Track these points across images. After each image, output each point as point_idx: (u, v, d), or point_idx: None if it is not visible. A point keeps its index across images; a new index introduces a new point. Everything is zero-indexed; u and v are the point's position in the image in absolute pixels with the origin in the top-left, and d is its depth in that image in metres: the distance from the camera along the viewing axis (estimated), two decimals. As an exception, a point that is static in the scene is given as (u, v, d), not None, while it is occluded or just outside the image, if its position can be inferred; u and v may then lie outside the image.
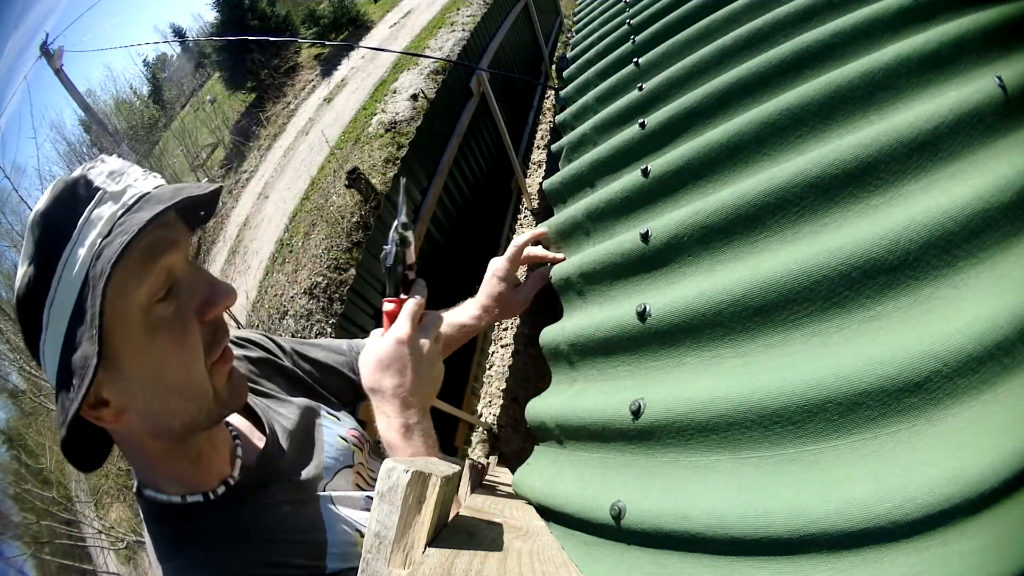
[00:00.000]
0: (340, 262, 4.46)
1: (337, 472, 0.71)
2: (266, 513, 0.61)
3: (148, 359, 0.49)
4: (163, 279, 0.49)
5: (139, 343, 0.48)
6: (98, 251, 0.44)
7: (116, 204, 0.47)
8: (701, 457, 0.62)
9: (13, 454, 8.52)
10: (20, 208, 9.87)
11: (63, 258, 0.45)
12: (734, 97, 0.96)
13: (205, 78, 18.37)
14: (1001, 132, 0.66)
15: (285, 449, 0.68)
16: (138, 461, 0.57)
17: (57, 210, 0.46)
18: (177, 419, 0.52)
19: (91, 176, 0.47)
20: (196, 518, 0.57)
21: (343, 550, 0.62)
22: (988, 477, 0.45)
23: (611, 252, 0.89)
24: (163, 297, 0.49)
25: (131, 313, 0.47)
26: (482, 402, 3.65)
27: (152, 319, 0.48)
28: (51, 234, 0.45)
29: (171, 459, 0.56)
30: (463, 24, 7.45)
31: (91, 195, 0.46)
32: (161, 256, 0.48)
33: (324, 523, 0.63)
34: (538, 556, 0.53)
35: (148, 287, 0.48)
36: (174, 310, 0.50)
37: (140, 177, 0.50)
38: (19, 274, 0.46)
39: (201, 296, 0.52)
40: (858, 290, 0.61)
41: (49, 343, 0.46)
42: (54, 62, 9.66)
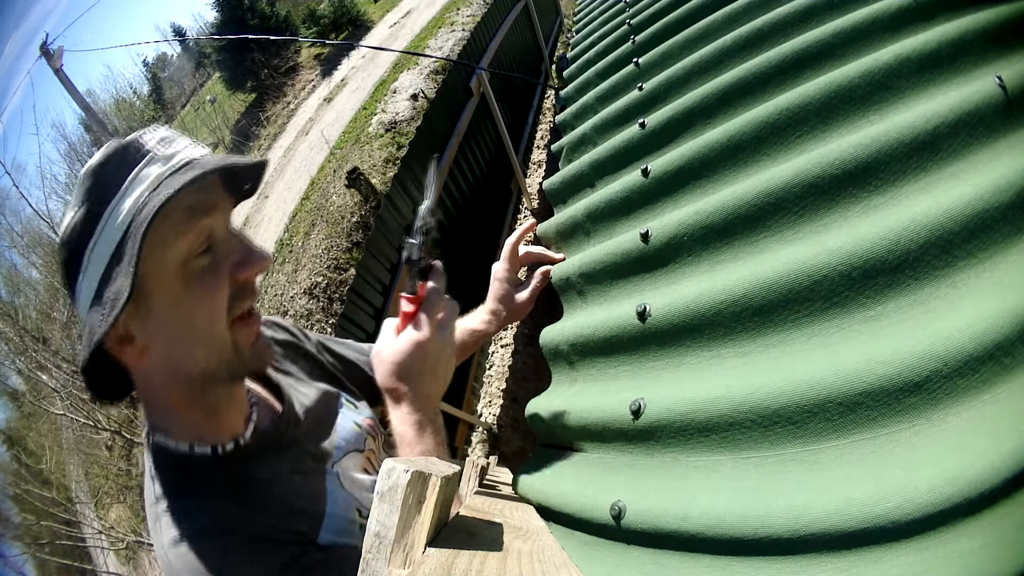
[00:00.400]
0: (340, 262, 4.47)
1: (347, 453, 0.72)
2: (270, 477, 0.62)
3: (177, 305, 0.52)
4: (203, 237, 0.53)
5: (171, 289, 0.52)
6: (143, 204, 0.49)
7: (164, 166, 0.51)
8: (701, 457, 0.62)
9: (13, 454, 8.52)
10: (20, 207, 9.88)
11: (110, 208, 0.49)
12: (734, 97, 0.96)
13: (205, 78, 18.38)
14: (1001, 132, 0.66)
15: (300, 422, 0.69)
16: (153, 404, 0.59)
17: (108, 166, 0.50)
18: (197, 366, 0.55)
19: (143, 140, 0.52)
20: (200, 470, 0.59)
21: (340, 525, 0.63)
22: (988, 477, 0.45)
23: (611, 252, 0.89)
24: (201, 253, 0.53)
25: (167, 263, 0.51)
26: (482, 402, 3.65)
27: (187, 271, 0.52)
28: (101, 186, 0.50)
29: (186, 407, 0.58)
30: (463, 24, 7.46)
31: (141, 156, 0.51)
32: (202, 216, 0.52)
33: (327, 496, 0.64)
34: (538, 556, 0.53)
35: (187, 242, 0.52)
36: (208, 265, 0.53)
37: (188, 145, 0.54)
38: (66, 220, 0.50)
39: (238, 256, 0.55)
40: (858, 290, 0.61)
41: (86, 281, 0.50)
42: (54, 62, 9.66)
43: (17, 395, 8.08)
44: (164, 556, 0.55)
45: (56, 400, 6.54)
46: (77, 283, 0.51)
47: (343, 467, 0.70)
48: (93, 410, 6.41)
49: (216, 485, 0.59)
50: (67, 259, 0.51)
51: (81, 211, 0.50)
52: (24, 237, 10.44)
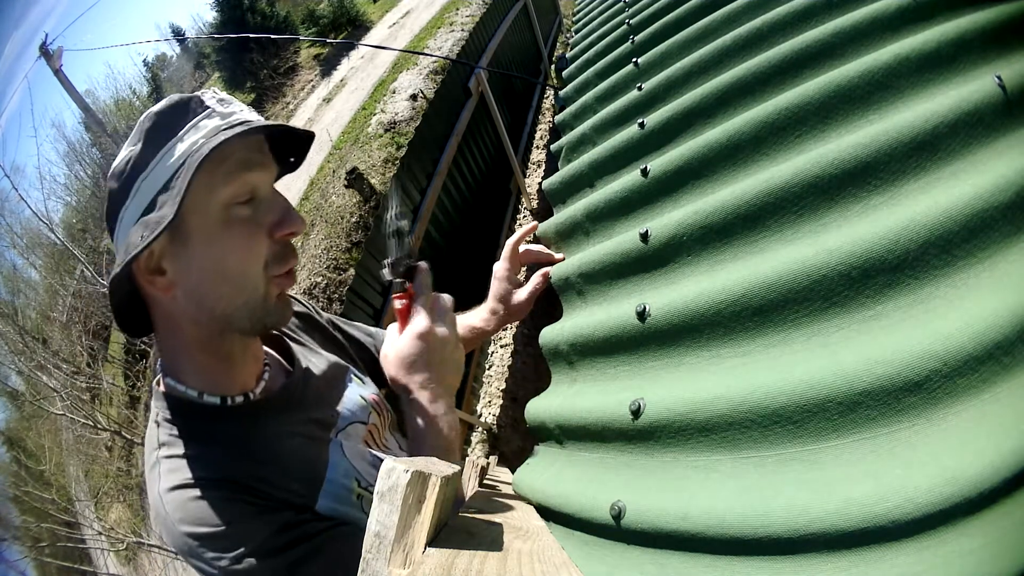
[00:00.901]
0: (339, 262, 4.46)
1: (351, 424, 0.72)
2: (275, 436, 0.63)
3: (214, 245, 0.55)
4: (247, 190, 0.56)
5: (211, 230, 0.54)
6: (198, 146, 0.52)
7: (222, 120, 0.54)
8: (701, 457, 0.62)
9: (13, 456, 8.52)
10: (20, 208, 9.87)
11: (167, 145, 0.52)
12: (733, 97, 0.96)
13: (204, 78, 18.37)
14: (1001, 132, 0.66)
15: (308, 387, 0.71)
16: (170, 344, 0.60)
17: (170, 113, 0.54)
18: (221, 305, 0.56)
19: (204, 97, 0.55)
20: (207, 418, 0.59)
21: (338, 492, 0.63)
22: (988, 476, 0.45)
23: (611, 252, 0.89)
24: (243, 203, 0.56)
25: (212, 206, 0.54)
26: (482, 402, 3.65)
27: (228, 215, 0.55)
28: (161, 127, 0.53)
29: (202, 350, 0.59)
30: (462, 24, 7.46)
31: (202, 109, 0.54)
32: (249, 171, 0.55)
33: (328, 462, 0.65)
34: (538, 556, 0.53)
35: (232, 190, 0.54)
36: (249, 214, 0.56)
37: (245, 108, 0.58)
38: (122, 153, 0.54)
39: (276, 215, 0.58)
40: (858, 290, 0.61)
41: (131, 208, 0.53)
42: (53, 62, 9.66)
43: (17, 395, 8.08)
44: (157, 500, 0.55)
45: (56, 400, 6.54)
46: (121, 211, 0.54)
47: (346, 436, 0.71)
48: (93, 410, 6.41)
49: (220, 436, 0.59)
50: (115, 190, 0.54)
51: (138, 147, 0.53)
52: (24, 238, 10.43)
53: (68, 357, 7.47)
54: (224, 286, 0.56)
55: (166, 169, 0.52)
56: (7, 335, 7.05)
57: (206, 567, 0.55)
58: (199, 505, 0.55)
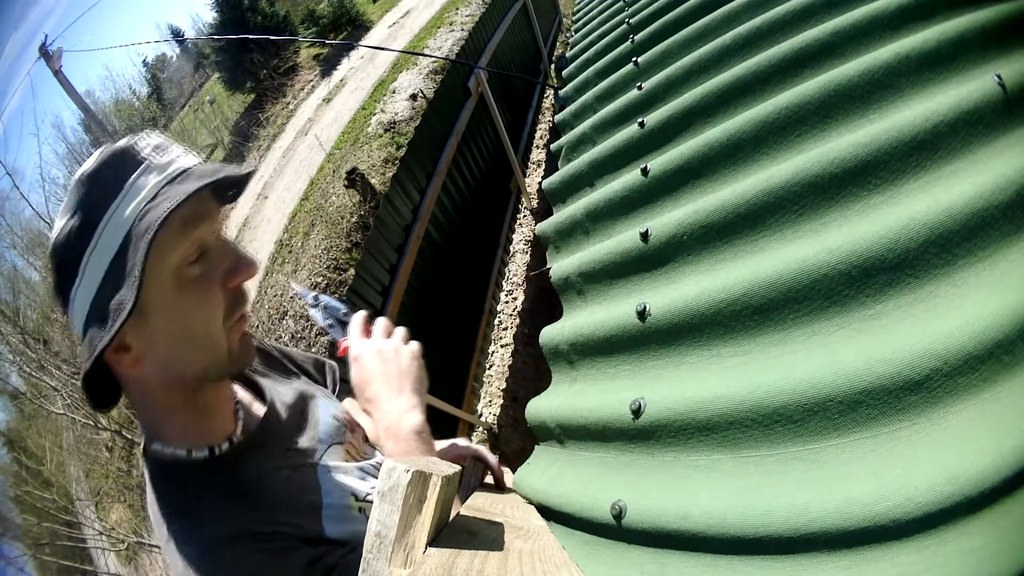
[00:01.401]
0: (340, 262, 4.46)
1: (330, 447, 0.74)
2: (266, 475, 0.63)
3: (174, 311, 0.53)
4: (196, 246, 0.54)
5: (168, 297, 0.53)
6: (143, 212, 0.49)
7: (160, 175, 0.51)
8: (702, 456, 0.62)
9: (14, 456, 8.52)
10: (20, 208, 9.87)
11: (108, 214, 0.49)
12: (733, 96, 0.96)
13: (204, 79, 18.37)
14: (1001, 131, 0.66)
15: (284, 420, 0.71)
16: (148, 412, 0.59)
17: (105, 172, 0.50)
18: (190, 368, 0.56)
19: (138, 147, 0.52)
20: (200, 474, 0.59)
21: (338, 512, 0.64)
22: (988, 476, 0.45)
23: (611, 251, 0.89)
24: (194, 260, 0.54)
25: (164, 271, 0.52)
26: (482, 402, 3.65)
27: (182, 278, 0.53)
28: (98, 192, 0.50)
29: (180, 410, 0.59)
30: (462, 24, 7.45)
31: (137, 164, 0.51)
32: (197, 226, 0.53)
33: (320, 487, 0.66)
34: (539, 556, 0.53)
35: (182, 251, 0.52)
36: (202, 272, 0.54)
37: (182, 154, 0.55)
38: (59, 225, 0.50)
39: (227, 264, 0.56)
40: (858, 289, 0.61)
41: (83, 288, 0.50)
42: (53, 63, 9.65)
43: (17, 395, 8.08)
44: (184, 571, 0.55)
45: (56, 400, 6.54)
46: (72, 290, 0.51)
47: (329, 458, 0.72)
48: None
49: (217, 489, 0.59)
50: (60, 265, 0.51)
51: (77, 217, 0.49)
52: (24, 238, 10.43)
53: (68, 357, 7.47)
54: (190, 350, 0.55)
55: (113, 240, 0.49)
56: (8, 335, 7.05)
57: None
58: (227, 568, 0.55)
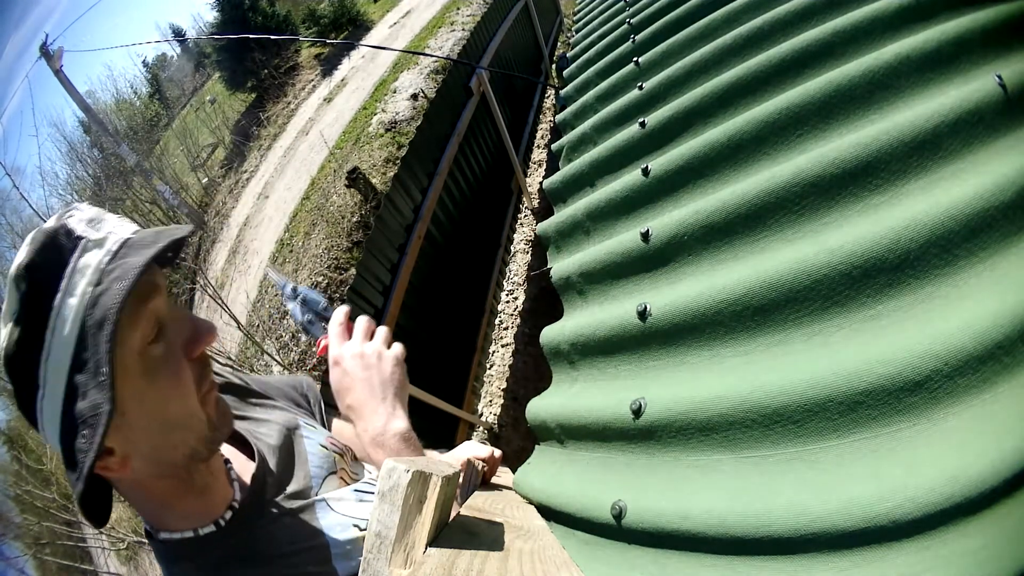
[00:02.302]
0: (340, 262, 4.47)
1: (324, 479, 0.73)
2: (270, 529, 0.63)
3: (149, 400, 0.49)
4: (153, 322, 0.49)
5: (139, 386, 0.48)
6: (92, 299, 0.44)
7: (101, 251, 0.46)
8: (702, 456, 0.62)
9: (14, 455, 8.52)
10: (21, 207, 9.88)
11: (54, 310, 0.43)
12: (734, 96, 0.96)
13: (205, 78, 18.38)
14: (1001, 131, 0.66)
15: (274, 466, 0.69)
16: (146, 506, 0.56)
17: (41, 261, 0.44)
18: (179, 452, 0.53)
19: (70, 224, 0.46)
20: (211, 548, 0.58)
21: (344, 549, 0.64)
22: (988, 476, 0.45)
23: (611, 251, 0.89)
24: (154, 339, 0.49)
25: (129, 359, 0.46)
26: (482, 401, 3.65)
27: (147, 362, 0.48)
28: (39, 286, 0.44)
29: (178, 497, 0.56)
30: (463, 23, 7.46)
31: (74, 244, 0.45)
32: (149, 300, 0.49)
33: (321, 527, 0.66)
34: (539, 556, 0.53)
35: (141, 331, 0.47)
36: (165, 350, 0.50)
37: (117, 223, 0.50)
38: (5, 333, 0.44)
39: (186, 334, 0.52)
40: (859, 289, 0.61)
41: (48, 399, 0.45)
42: (54, 63, 9.66)
43: (18, 395, 8.08)
44: None
45: (57, 400, 6.54)
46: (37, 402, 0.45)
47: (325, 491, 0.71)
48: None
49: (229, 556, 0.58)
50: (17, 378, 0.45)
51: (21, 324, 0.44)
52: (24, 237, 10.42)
53: (69, 357, 7.46)
54: (174, 434, 0.52)
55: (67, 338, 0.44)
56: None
57: None
58: None
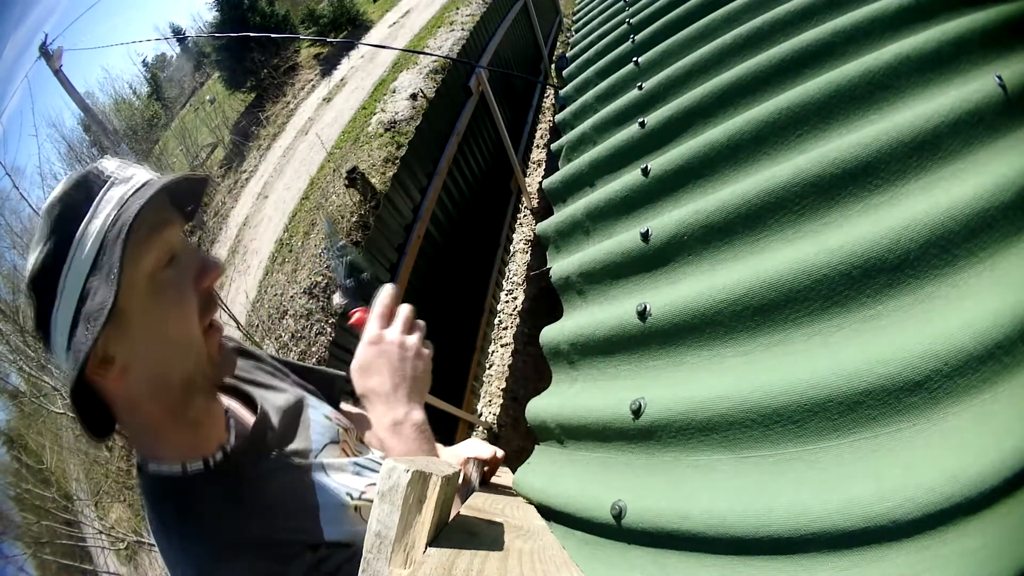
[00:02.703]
0: (340, 262, 4.45)
1: (325, 447, 0.74)
2: (261, 481, 0.64)
3: (152, 316, 0.54)
4: (165, 250, 0.56)
5: (145, 302, 0.54)
6: (114, 220, 0.51)
7: (126, 186, 0.54)
8: (702, 456, 0.62)
9: (13, 455, 8.52)
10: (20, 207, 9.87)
11: (80, 229, 0.51)
12: (734, 96, 0.96)
13: (205, 78, 18.37)
14: (1001, 131, 0.66)
15: (276, 424, 0.71)
16: (139, 432, 0.59)
17: (74, 194, 0.52)
18: (175, 375, 0.57)
19: (102, 167, 0.55)
20: (197, 488, 0.59)
21: (335, 514, 0.65)
22: (988, 476, 0.45)
23: (611, 251, 0.89)
24: (165, 265, 0.56)
25: (139, 278, 0.53)
26: (482, 401, 3.65)
27: (156, 282, 0.55)
28: (69, 212, 0.51)
29: (170, 426, 0.59)
30: (462, 23, 7.45)
31: (103, 182, 0.53)
32: (163, 230, 0.56)
33: (315, 489, 0.66)
34: (539, 555, 0.53)
35: (153, 256, 0.54)
36: (175, 276, 0.56)
37: (143, 170, 0.58)
38: (34, 255, 0.51)
39: (196, 267, 0.58)
40: (859, 289, 0.61)
41: (62, 309, 0.51)
42: (53, 62, 9.64)
43: (17, 394, 8.08)
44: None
45: (56, 399, 6.54)
46: (52, 315, 0.50)
47: (324, 458, 0.72)
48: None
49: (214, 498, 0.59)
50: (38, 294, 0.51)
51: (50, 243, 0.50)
52: (24, 238, 10.43)
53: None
54: (172, 354, 0.56)
55: (88, 252, 0.50)
56: (8, 335, 7.05)
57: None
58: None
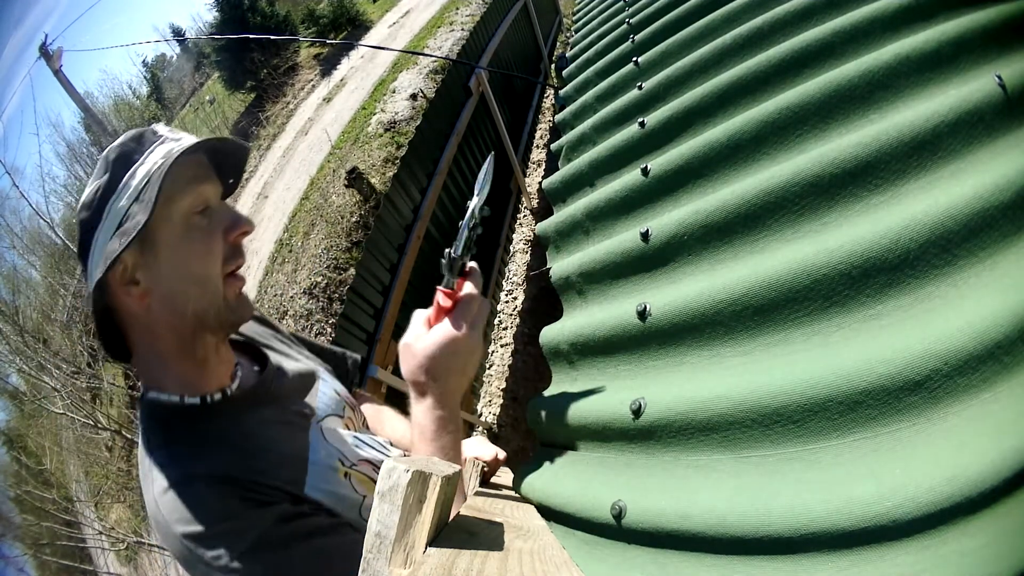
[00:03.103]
0: (340, 262, 4.47)
1: (327, 416, 0.76)
2: (257, 427, 0.66)
3: (178, 252, 0.62)
4: (200, 200, 0.64)
5: (175, 237, 0.62)
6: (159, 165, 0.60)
7: (174, 144, 0.62)
8: (702, 456, 0.62)
9: (13, 455, 8.52)
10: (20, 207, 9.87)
11: (132, 169, 0.60)
12: (734, 96, 0.96)
13: (204, 78, 18.37)
14: (1001, 131, 0.66)
15: (283, 383, 0.75)
16: (149, 358, 0.65)
17: (129, 144, 0.62)
18: (191, 306, 0.63)
19: (157, 129, 0.65)
20: (190, 419, 0.64)
21: (323, 473, 0.66)
22: (988, 476, 0.45)
23: (611, 251, 0.89)
24: (200, 212, 0.63)
25: (174, 215, 0.61)
26: (482, 401, 3.65)
27: (188, 224, 0.62)
28: (123, 157, 0.61)
29: (178, 356, 0.65)
30: (462, 23, 7.46)
31: (156, 138, 0.63)
32: (199, 184, 0.64)
33: (310, 446, 0.68)
34: (539, 556, 0.53)
35: (188, 201, 0.62)
36: (206, 223, 0.64)
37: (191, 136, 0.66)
38: (90, 188, 0.61)
39: (228, 221, 0.66)
40: (858, 289, 0.61)
41: (105, 227, 0.59)
42: (53, 63, 9.65)
43: (17, 395, 8.08)
44: (153, 506, 0.58)
45: (56, 399, 6.54)
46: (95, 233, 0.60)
47: (325, 424, 0.73)
48: (93, 410, 6.41)
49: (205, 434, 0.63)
50: (87, 218, 0.61)
51: (106, 177, 0.61)
52: (24, 237, 10.44)
53: (68, 357, 7.47)
54: (191, 287, 0.63)
55: (133, 187, 0.59)
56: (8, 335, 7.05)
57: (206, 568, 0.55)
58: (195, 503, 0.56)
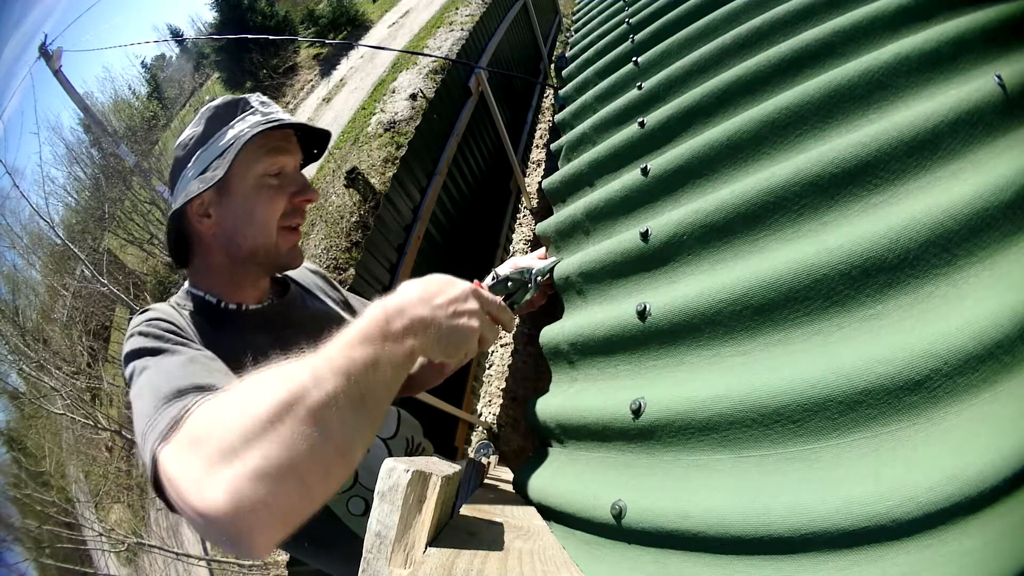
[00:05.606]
0: (339, 262, 4.46)
1: None
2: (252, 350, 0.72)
3: (247, 201, 0.76)
4: (277, 167, 0.77)
5: (247, 191, 0.76)
6: (244, 133, 0.73)
7: (263, 117, 0.76)
8: (702, 456, 0.62)
9: (14, 456, 8.51)
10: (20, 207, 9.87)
11: (222, 130, 0.76)
12: (734, 96, 0.96)
13: (204, 78, 18.35)
14: (1001, 131, 0.66)
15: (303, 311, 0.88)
16: (203, 266, 0.80)
17: (224, 108, 0.77)
18: (248, 242, 0.77)
19: (251, 99, 0.78)
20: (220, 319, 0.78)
21: None
22: (988, 476, 0.45)
23: (611, 251, 0.89)
24: (273, 175, 0.77)
25: (250, 175, 0.75)
26: (482, 401, 3.65)
27: (260, 182, 0.76)
28: (218, 116, 0.77)
29: (226, 273, 0.80)
30: (462, 23, 7.45)
31: (248, 107, 0.77)
32: (279, 154, 0.77)
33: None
34: (539, 555, 0.53)
35: (265, 166, 0.76)
36: (276, 184, 0.77)
37: (282, 111, 0.80)
38: (187, 131, 0.77)
39: (297, 186, 0.79)
40: (858, 289, 0.61)
41: (192, 170, 0.76)
42: (53, 63, 9.64)
43: (17, 395, 8.07)
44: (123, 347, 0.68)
45: (56, 400, 6.54)
46: (184, 171, 0.76)
47: None
48: (93, 410, 6.41)
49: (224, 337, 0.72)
50: (180, 157, 0.77)
51: (200, 128, 0.76)
52: (24, 238, 10.44)
53: (68, 357, 7.47)
54: (250, 228, 0.76)
55: (219, 146, 0.74)
56: (7, 335, 7.05)
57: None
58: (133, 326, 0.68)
